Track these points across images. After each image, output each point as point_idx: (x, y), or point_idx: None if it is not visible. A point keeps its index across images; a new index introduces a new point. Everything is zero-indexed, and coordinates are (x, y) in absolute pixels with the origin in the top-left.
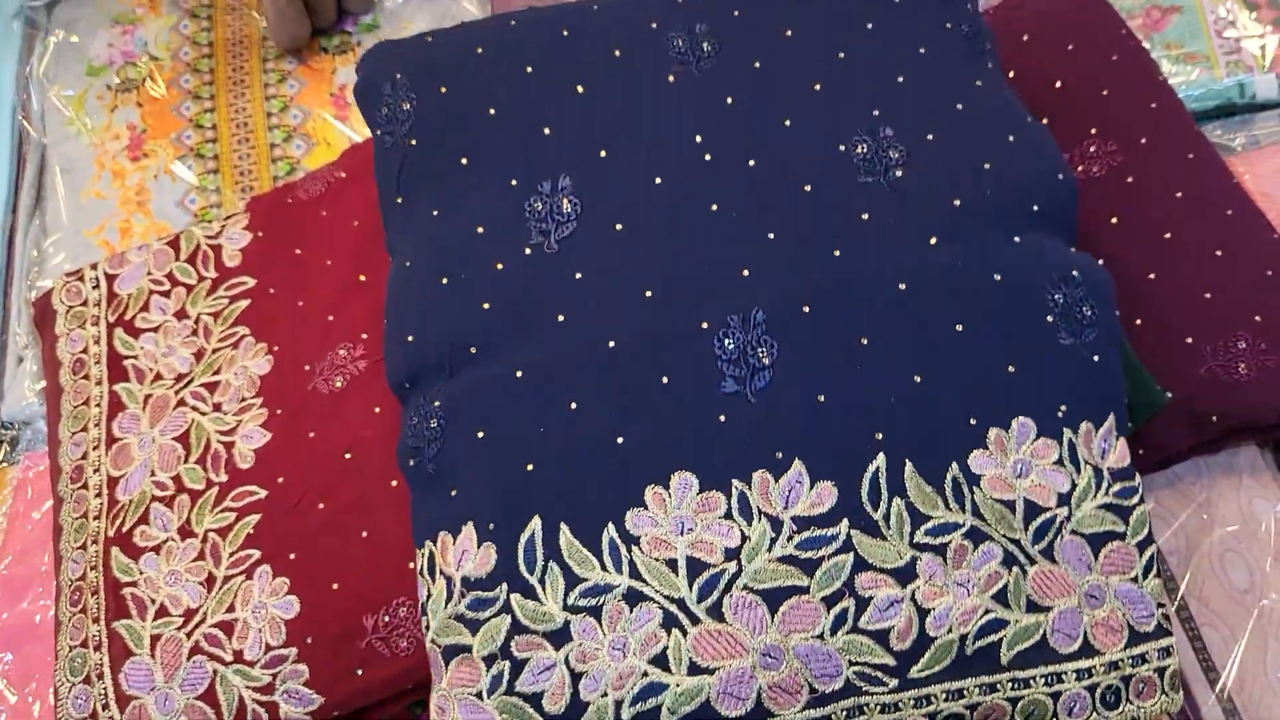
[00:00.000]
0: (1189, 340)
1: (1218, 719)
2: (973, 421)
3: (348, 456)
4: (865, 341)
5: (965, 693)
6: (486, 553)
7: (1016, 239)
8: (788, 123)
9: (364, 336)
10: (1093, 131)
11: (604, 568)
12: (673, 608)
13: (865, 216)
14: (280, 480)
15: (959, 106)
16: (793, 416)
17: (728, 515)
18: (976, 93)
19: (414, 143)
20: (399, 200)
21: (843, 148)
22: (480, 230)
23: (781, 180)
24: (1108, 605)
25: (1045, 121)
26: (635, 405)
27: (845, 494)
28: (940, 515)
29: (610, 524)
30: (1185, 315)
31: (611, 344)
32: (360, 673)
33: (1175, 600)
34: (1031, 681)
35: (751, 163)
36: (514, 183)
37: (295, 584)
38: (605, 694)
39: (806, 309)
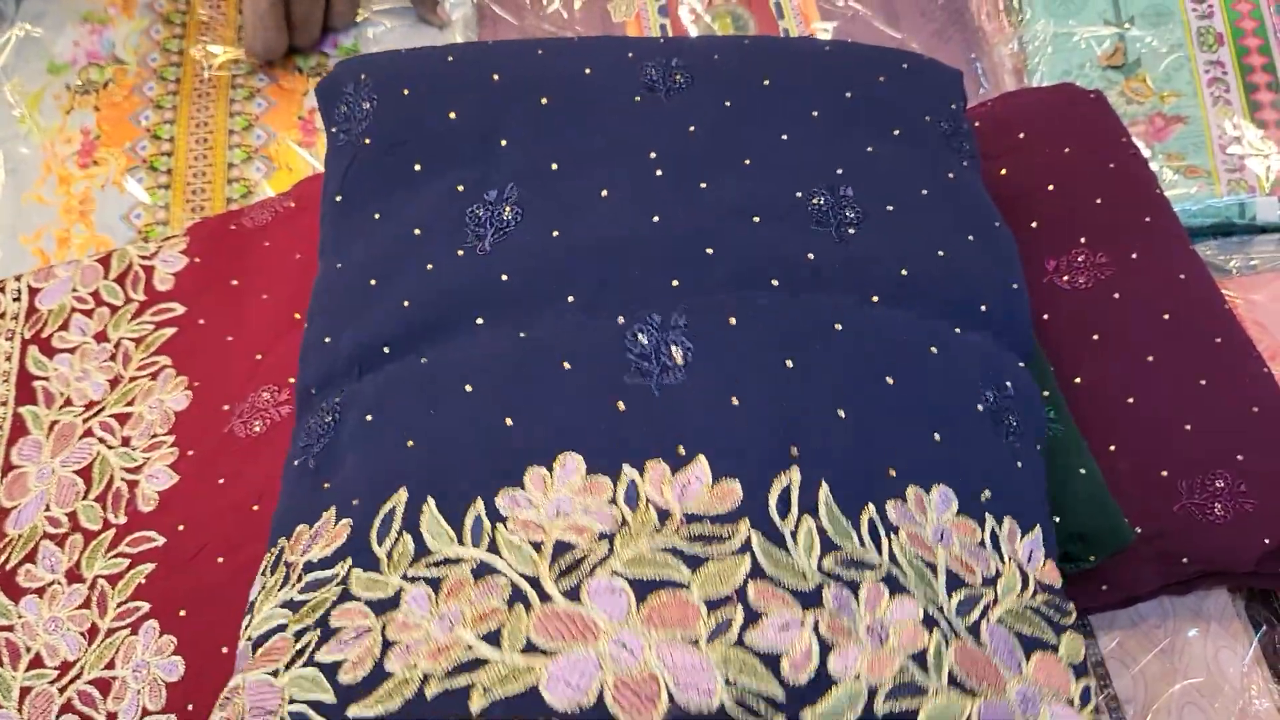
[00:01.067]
0: (1164, 474)
1: None
2: (892, 473)
3: (255, 509)
4: (790, 365)
5: None
6: (341, 530)
7: (957, 330)
8: (748, 161)
9: (291, 380)
10: (1082, 240)
11: (460, 542)
12: (524, 584)
13: (810, 256)
14: (181, 528)
15: (924, 191)
16: (701, 414)
17: (612, 501)
18: (946, 184)
19: (368, 142)
20: (338, 199)
21: (799, 194)
22: (417, 233)
23: (731, 204)
24: None
25: (1034, 225)
26: (531, 388)
27: (751, 496)
28: (852, 549)
29: (480, 499)
30: (1162, 447)
31: (522, 335)
32: None
33: None
34: None
35: (703, 185)
36: (461, 189)
37: (182, 644)
38: (415, 664)
39: (733, 320)
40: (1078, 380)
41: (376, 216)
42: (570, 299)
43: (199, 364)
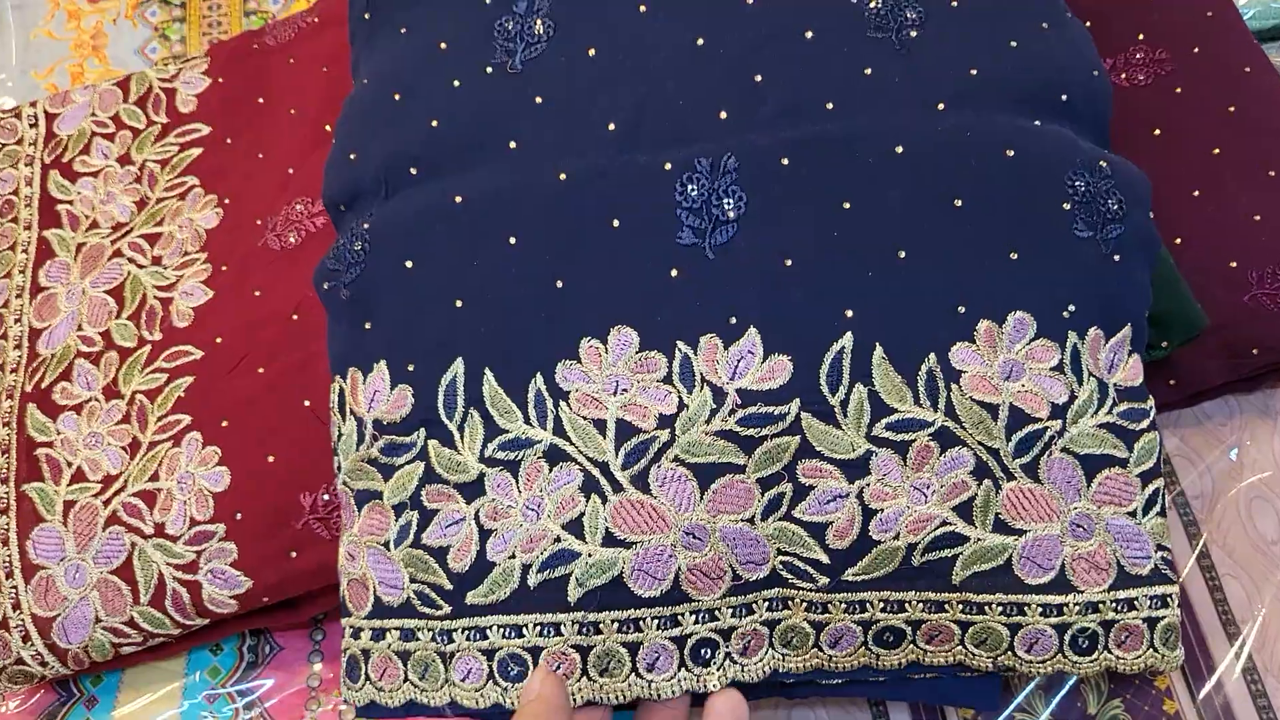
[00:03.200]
0: (1233, 265)
1: (1235, 677)
2: (961, 310)
3: (295, 318)
4: (848, 205)
5: (907, 606)
6: (402, 395)
7: (1036, 122)
8: None
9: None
10: (1140, 37)
11: (527, 420)
12: (595, 471)
13: (868, 72)
14: (219, 340)
15: None
16: (754, 279)
17: (667, 379)
18: None
19: None
20: (366, 16)
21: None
22: (443, 47)
23: (780, 21)
24: (1096, 539)
25: (1089, 24)
26: (580, 248)
27: (802, 372)
28: (907, 409)
29: (539, 374)
30: (1230, 237)
31: (563, 176)
32: (294, 556)
33: (1196, 547)
34: (986, 608)
35: (750, 1)
36: (488, 1)
37: (227, 454)
38: (514, 555)
39: (785, 161)
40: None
41: (403, 30)
42: (611, 126)
43: (228, 182)
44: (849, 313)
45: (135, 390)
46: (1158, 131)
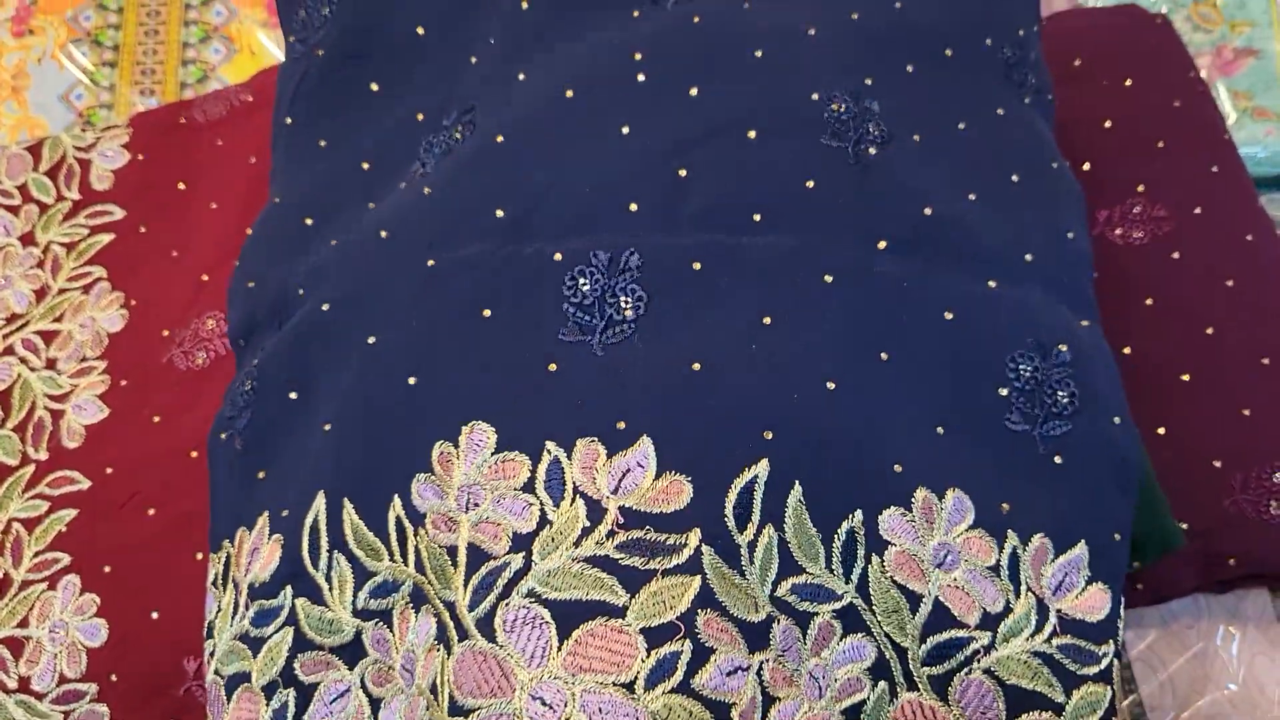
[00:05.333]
0: (1216, 464)
1: None
2: (898, 468)
3: (194, 455)
4: (768, 321)
5: None
6: (273, 548)
7: (991, 284)
8: (759, 54)
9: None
10: (1139, 189)
11: (390, 556)
12: (445, 615)
13: (810, 184)
14: (109, 471)
15: (960, 126)
16: (652, 382)
17: (528, 487)
18: (991, 120)
19: (320, 53)
20: (288, 121)
21: (816, 96)
22: (366, 168)
23: (725, 115)
24: None
25: (1087, 168)
26: (440, 340)
27: (704, 497)
28: (816, 574)
29: (397, 498)
30: (1217, 433)
31: (431, 263)
32: None
33: None
34: None
35: (694, 91)
36: (420, 117)
37: (106, 605)
38: None
39: (698, 266)
40: (1127, 350)
41: (322, 144)
42: (499, 213)
43: (138, 279)
44: (768, 434)
45: (13, 518)
46: (1150, 301)
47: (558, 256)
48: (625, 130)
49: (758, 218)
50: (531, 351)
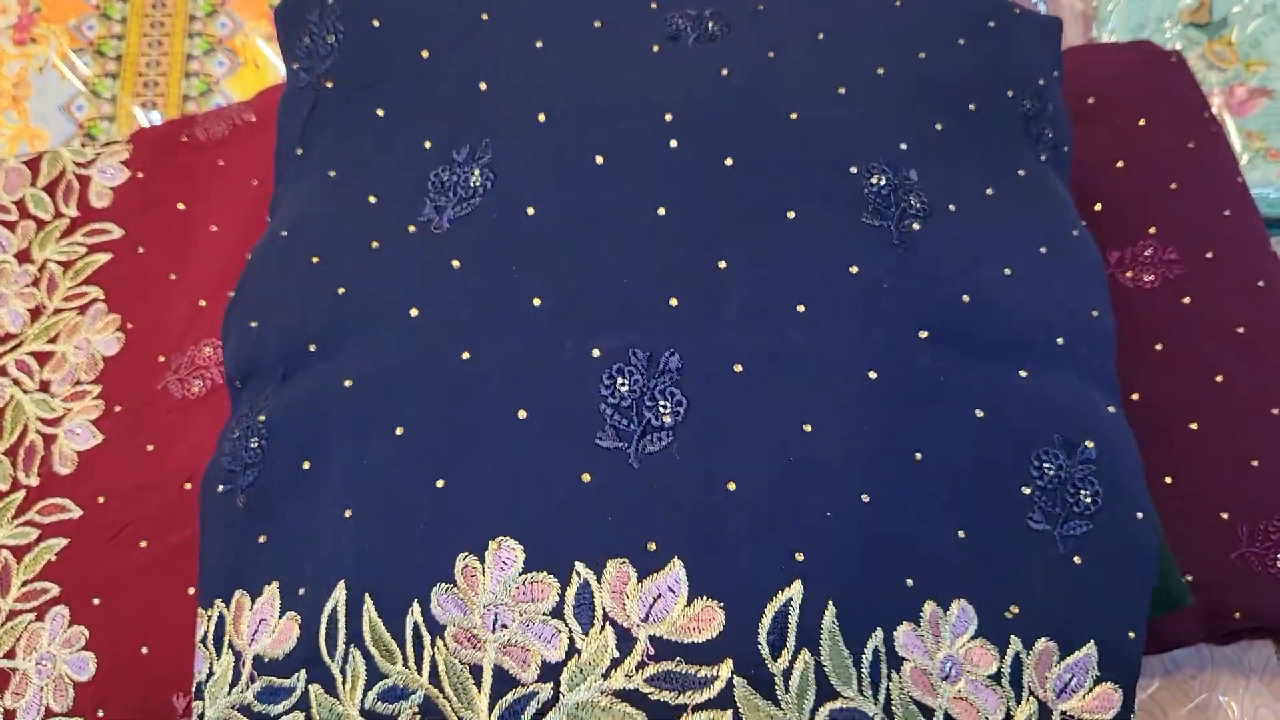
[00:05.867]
0: (1224, 516)
1: None
2: (910, 582)
3: (187, 486)
4: (808, 429)
5: None
6: (289, 626)
7: (1023, 373)
8: (794, 115)
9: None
10: (1151, 231)
11: (405, 662)
12: None
13: (854, 270)
14: (101, 500)
15: (989, 191)
16: (685, 500)
17: (557, 613)
18: (1016, 182)
19: (330, 85)
20: (298, 153)
21: (854, 170)
22: (373, 201)
23: (760, 192)
24: None
25: (1098, 208)
26: (472, 442)
27: (737, 625)
28: (850, 696)
29: (416, 603)
30: (1224, 484)
31: (465, 355)
32: None
33: None
34: None
35: (729, 161)
36: (428, 145)
37: (95, 638)
38: None
39: (739, 369)
40: (1135, 396)
41: (332, 175)
42: (536, 302)
43: (135, 302)
44: (799, 556)
45: (1, 544)
46: (1159, 346)
47: (596, 353)
48: (661, 212)
49: (801, 309)
50: (566, 460)
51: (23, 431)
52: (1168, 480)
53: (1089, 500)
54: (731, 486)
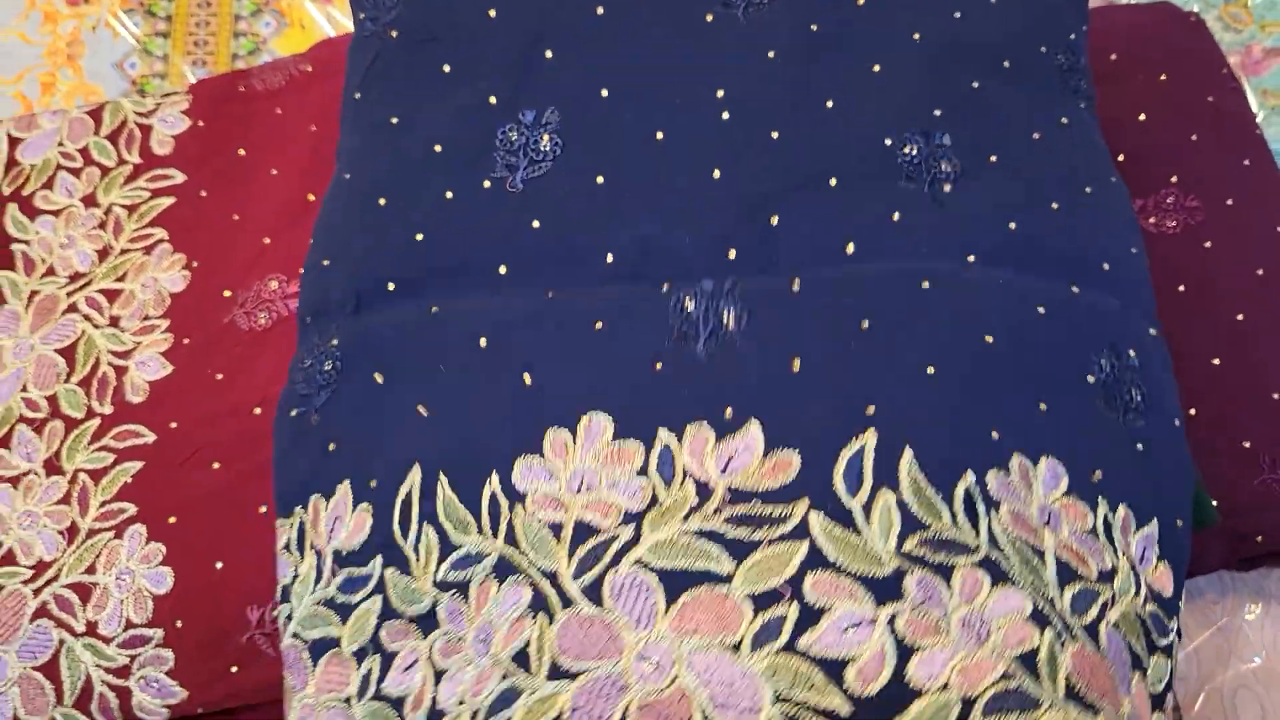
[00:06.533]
0: (1246, 445)
1: None
2: (995, 435)
3: (257, 412)
4: (866, 325)
5: None
6: (361, 518)
7: (1074, 289)
8: (830, 104)
9: (301, 271)
10: (1173, 180)
11: (479, 530)
12: (545, 584)
13: (896, 217)
14: (173, 425)
15: (1035, 136)
16: (755, 377)
17: (642, 471)
18: (1060, 130)
19: (394, 35)
20: (357, 97)
21: (889, 141)
22: (438, 150)
23: (805, 163)
24: None
25: (1121, 159)
26: (555, 347)
27: (813, 467)
28: (943, 527)
29: (495, 474)
30: (1247, 415)
31: (550, 294)
32: (236, 671)
33: None
34: None
35: (775, 135)
36: (493, 101)
37: (172, 554)
38: (463, 701)
39: (796, 287)
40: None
41: (394, 121)
42: (609, 258)
43: (199, 241)
44: (870, 409)
45: (79, 468)
46: (1182, 288)
47: (665, 287)
48: (716, 174)
49: (851, 248)
50: (640, 354)
51: (95, 364)
52: (1192, 412)
53: (1139, 399)
54: (797, 364)
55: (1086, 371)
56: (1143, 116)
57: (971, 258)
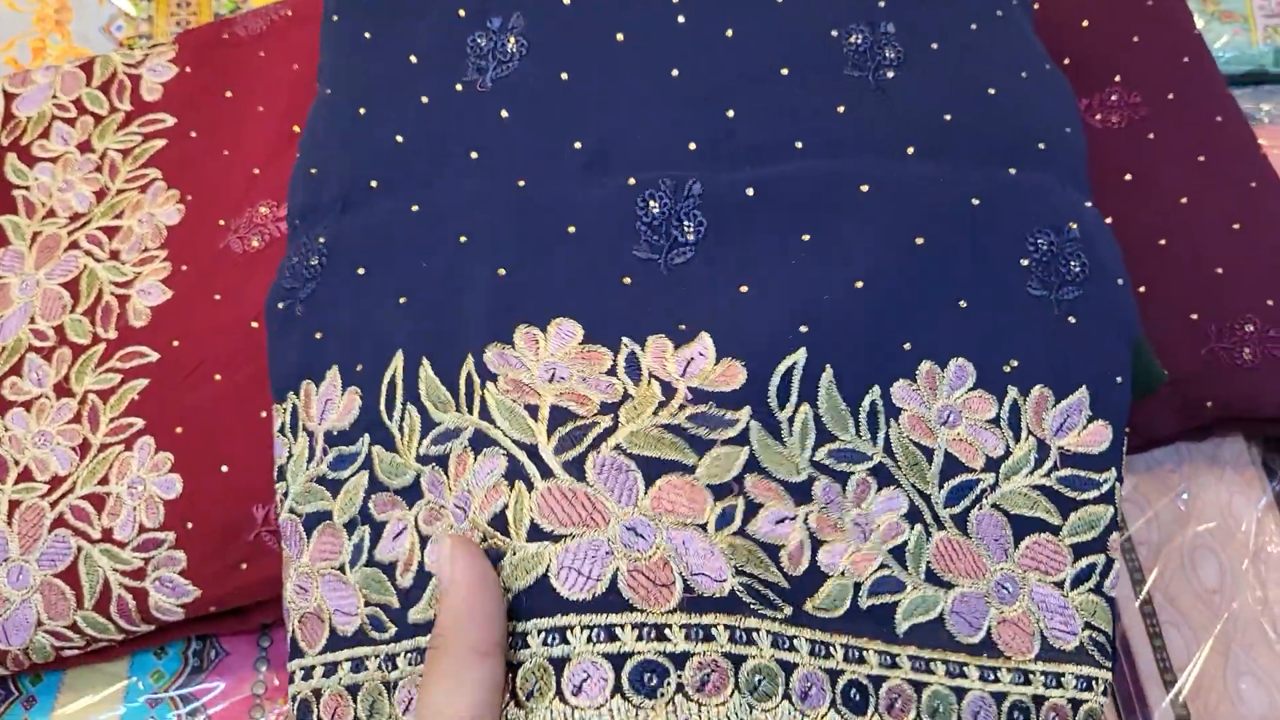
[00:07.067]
0: (1193, 317)
1: None
2: (907, 346)
3: (254, 325)
4: (807, 238)
5: (865, 657)
6: (350, 399)
7: (1011, 170)
8: (780, 0)
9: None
10: (1116, 79)
11: (457, 408)
12: (521, 455)
13: (840, 109)
14: (176, 344)
15: (973, 26)
16: (708, 296)
17: (610, 373)
18: (996, 20)
19: None
20: (334, 19)
21: (835, 33)
22: (413, 60)
23: (758, 56)
24: (1019, 604)
25: (1067, 62)
26: (530, 245)
27: (754, 380)
28: (848, 439)
29: (470, 356)
30: (1193, 289)
31: (521, 183)
32: (244, 567)
33: (1140, 594)
34: (933, 665)
35: (729, 33)
36: (461, 13)
37: (179, 461)
38: None
39: (750, 191)
40: (1108, 221)
41: (367, 36)
42: (577, 145)
43: (192, 177)
44: (803, 329)
45: (88, 389)
46: (1128, 177)
47: (631, 181)
48: (675, 73)
49: (799, 145)
50: (610, 264)
51: (98, 295)
52: (1142, 290)
53: (1078, 269)
54: (744, 289)
55: (1020, 256)
56: (1086, 22)
57: (911, 149)
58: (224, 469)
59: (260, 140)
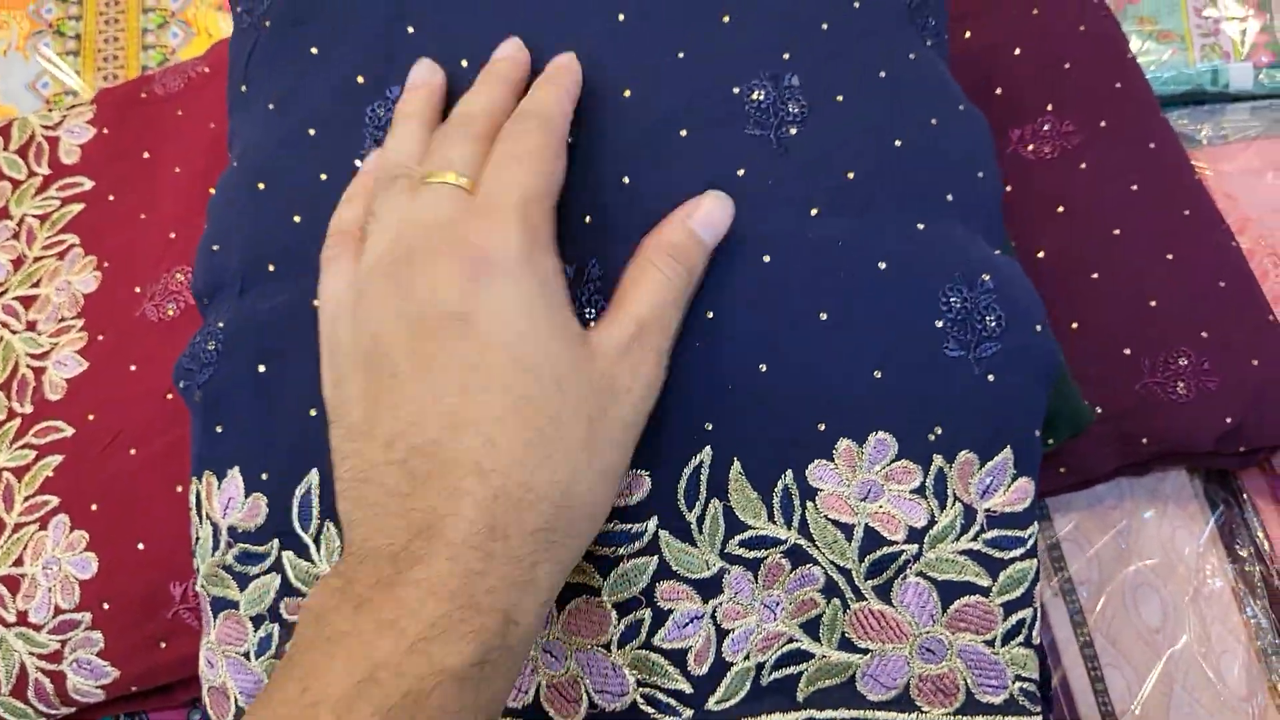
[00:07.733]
0: (1127, 351)
1: None
2: (821, 428)
3: (169, 397)
4: (710, 316)
5: None
6: (256, 504)
7: (920, 225)
8: (681, 55)
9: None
10: (1049, 108)
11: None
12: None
13: (740, 173)
14: (91, 418)
15: (881, 74)
16: None
17: None
18: (907, 65)
19: (268, 24)
20: (242, 89)
21: (737, 90)
22: (312, 133)
23: (658, 117)
24: (945, 663)
25: (999, 92)
26: None
27: (660, 488)
28: (760, 526)
29: None
30: (1126, 323)
31: None
32: (164, 646)
33: (1081, 637)
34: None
35: (627, 93)
36: (360, 80)
37: (95, 539)
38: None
39: None
40: (1040, 254)
41: (270, 108)
42: None
43: (109, 243)
44: (708, 426)
45: (3, 467)
46: (1061, 209)
47: None
48: (570, 141)
49: None
50: None
51: (14, 367)
52: (1074, 325)
53: (994, 324)
54: None
55: (934, 317)
56: (1018, 50)
57: (815, 210)
58: (140, 546)
59: (176, 202)
